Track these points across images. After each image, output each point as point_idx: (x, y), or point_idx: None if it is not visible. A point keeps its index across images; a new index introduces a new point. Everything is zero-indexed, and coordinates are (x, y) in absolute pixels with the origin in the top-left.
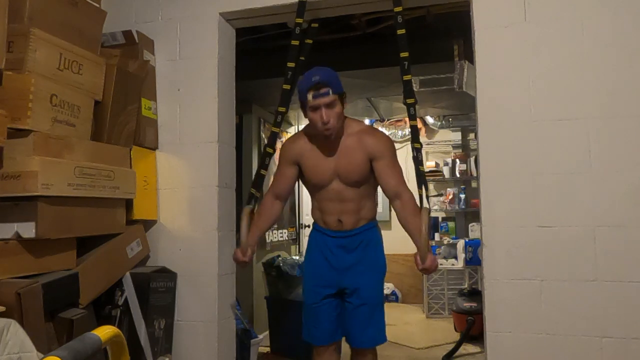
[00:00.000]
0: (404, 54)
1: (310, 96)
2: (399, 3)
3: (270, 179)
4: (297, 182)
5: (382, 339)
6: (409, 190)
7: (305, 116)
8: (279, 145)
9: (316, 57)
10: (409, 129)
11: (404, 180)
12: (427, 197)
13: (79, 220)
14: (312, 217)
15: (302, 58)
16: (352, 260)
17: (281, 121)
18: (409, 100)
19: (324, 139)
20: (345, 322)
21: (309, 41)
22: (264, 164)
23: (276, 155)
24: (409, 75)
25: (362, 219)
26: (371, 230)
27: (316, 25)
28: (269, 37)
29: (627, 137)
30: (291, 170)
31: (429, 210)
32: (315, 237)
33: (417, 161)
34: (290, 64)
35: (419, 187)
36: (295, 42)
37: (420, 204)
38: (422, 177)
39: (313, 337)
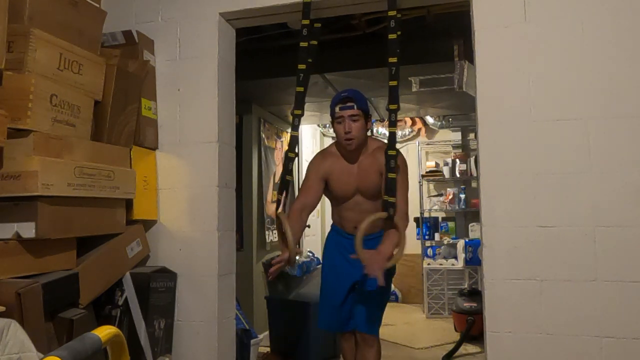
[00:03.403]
0: (393, 59)
1: (337, 108)
2: (394, 6)
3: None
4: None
5: (376, 330)
6: (407, 211)
7: (334, 129)
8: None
9: (316, 57)
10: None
11: (406, 200)
12: (393, 204)
13: (79, 220)
14: (332, 219)
15: (310, 60)
16: None
17: (299, 124)
18: (392, 106)
19: (348, 155)
20: (355, 310)
21: (314, 42)
22: (288, 170)
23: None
24: (396, 82)
25: (376, 227)
26: (382, 237)
27: (319, 25)
28: (269, 37)
29: (627, 137)
30: (320, 185)
31: (392, 217)
32: (333, 236)
33: (389, 169)
34: (301, 66)
35: (385, 194)
36: (304, 44)
37: (386, 209)
38: (391, 185)
39: (331, 326)
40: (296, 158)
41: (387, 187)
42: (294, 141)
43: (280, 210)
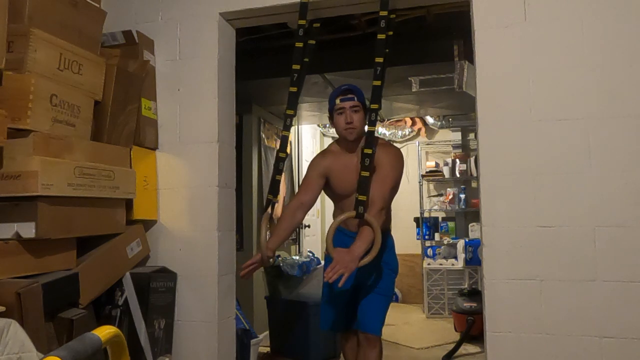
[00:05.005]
0: (379, 59)
1: (338, 100)
2: (386, 7)
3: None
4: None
5: (379, 330)
6: (382, 208)
7: (332, 123)
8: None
9: (316, 57)
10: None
11: (385, 197)
12: (362, 202)
13: (79, 220)
14: (333, 218)
15: (307, 60)
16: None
17: (290, 124)
18: (373, 106)
19: (348, 147)
20: (358, 310)
21: (312, 42)
22: (278, 169)
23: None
24: (379, 82)
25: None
26: (385, 238)
27: (318, 25)
28: (269, 37)
29: (627, 137)
30: (319, 182)
31: (361, 216)
32: (336, 236)
33: (364, 167)
34: (296, 66)
35: (357, 192)
36: (299, 44)
37: (355, 207)
38: (362, 183)
39: (334, 326)
40: (287, 158)
41: (358, 185)
42: (285, 141)
43: (267, 213)
